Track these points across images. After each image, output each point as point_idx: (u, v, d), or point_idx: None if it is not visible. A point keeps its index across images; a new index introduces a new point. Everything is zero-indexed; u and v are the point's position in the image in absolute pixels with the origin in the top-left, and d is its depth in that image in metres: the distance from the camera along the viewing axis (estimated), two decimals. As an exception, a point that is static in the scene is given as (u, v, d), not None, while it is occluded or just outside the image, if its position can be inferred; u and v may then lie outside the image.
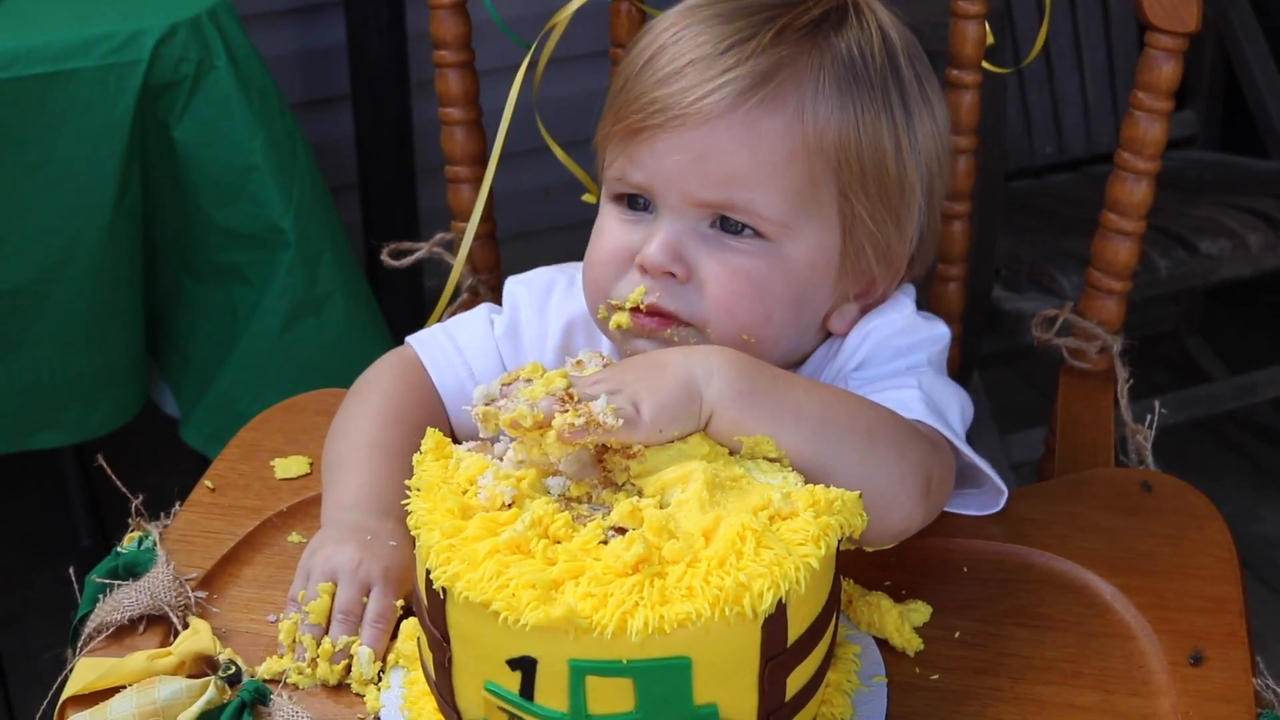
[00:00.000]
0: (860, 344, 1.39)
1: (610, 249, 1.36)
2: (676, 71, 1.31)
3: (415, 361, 1.47)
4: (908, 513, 1.22)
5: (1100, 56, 3.04)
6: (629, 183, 1.34)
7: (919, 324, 1.41)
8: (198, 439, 2.33)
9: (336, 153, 3.13)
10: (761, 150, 1.30)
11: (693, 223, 1.32)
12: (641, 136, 1.32)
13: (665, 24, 1.36)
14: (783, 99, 1.30)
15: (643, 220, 1.34)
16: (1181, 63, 1.54)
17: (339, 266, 2.27)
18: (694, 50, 1.31)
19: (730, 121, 1.29)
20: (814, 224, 1.33)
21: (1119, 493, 1.41)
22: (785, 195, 1.31)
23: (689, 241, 1.32)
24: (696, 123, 1.29)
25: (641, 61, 1.34)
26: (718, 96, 1.29)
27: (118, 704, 1.14)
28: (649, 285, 1.32)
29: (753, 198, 1.30)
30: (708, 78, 1.29)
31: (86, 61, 2.06)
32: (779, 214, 1.31)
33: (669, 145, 1.30)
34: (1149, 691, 1.19)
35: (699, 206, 1.31)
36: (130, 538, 1.33)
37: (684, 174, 1.30)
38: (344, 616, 1.22)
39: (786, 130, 1.30)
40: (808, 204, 1.32)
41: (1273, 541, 2.90)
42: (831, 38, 1.33)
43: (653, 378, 1.15)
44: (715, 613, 0.99)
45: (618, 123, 1.34)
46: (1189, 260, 2.55)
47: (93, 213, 2.12)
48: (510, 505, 1.08)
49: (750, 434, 1.15)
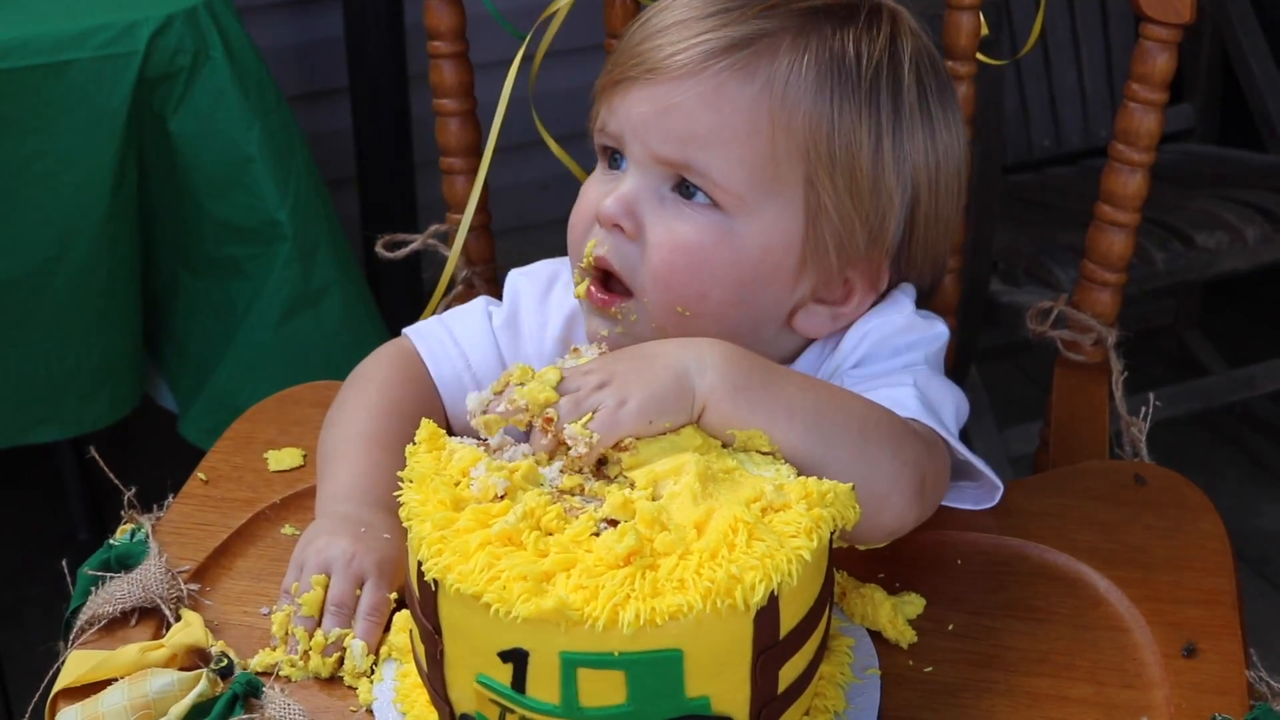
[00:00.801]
0: (859, 343, 1.38)
1: (583, 207, 1.37)
2: (660, 29, 1.33)
3: (412, 353, 1.46)
4: (900, 511, 1.22)
5: (1098, 50, 3.04)
6: (606, 132, 1.36)
7: (918, 323, 1.41)
8: (197, 435, 2.33)
9: (334, 145, 3.13)
10: (724, 114, 1.30)
11: (654, 182, 1.32)
12: (620, 87, 1.34)
13: None
14: (753, 69, 1.30)
15: (614, 179, 1.35)
16: (1176, 54, 1.54)
17: (336, 259, 2.27)
18: (681, 12, 1.34)
19: (697, 80, 1.30)
20: (773, 204, 1.31)
21: (1113, 485, 1.41)
22: (744, 165, 1.30)
23: (646, 199, 1.32)
24: (666, 77, 1.30)
25: (639, 22, 1.37)
26: (689, 55, 1.30)
27: (109, 696, 1.14)
28: (601, 237, 1.33)
29: (709, 160, 1.30)
30: (684, 37, 1.31)
31: (82, 53, 2.05)
32: (735, 183, 1.30)
33: (639, 96, 1.32)
34: (1142, 684, 1.19)
35: (660, 164, 1.31)
36: (123, 530, 1.33)
37: (648, 126, 1.31)
38: (337, 609, 1.22)
39: (753, 100, 1.30)
40: (768, 180, 1.31)
41: (1270, 535, 2.91)
42: (826, 28, 1.32)
43: (645, 369, 1.15)
44: (707, 605, 0.99)
45: (604, 76, 1.37)
46: (1186, 253, 2.55)
47: (89, 205, 2.12)
48: (502, 497, 1.08)
49: (743, 428, 1.15)
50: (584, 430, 1.11)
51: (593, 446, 1.11)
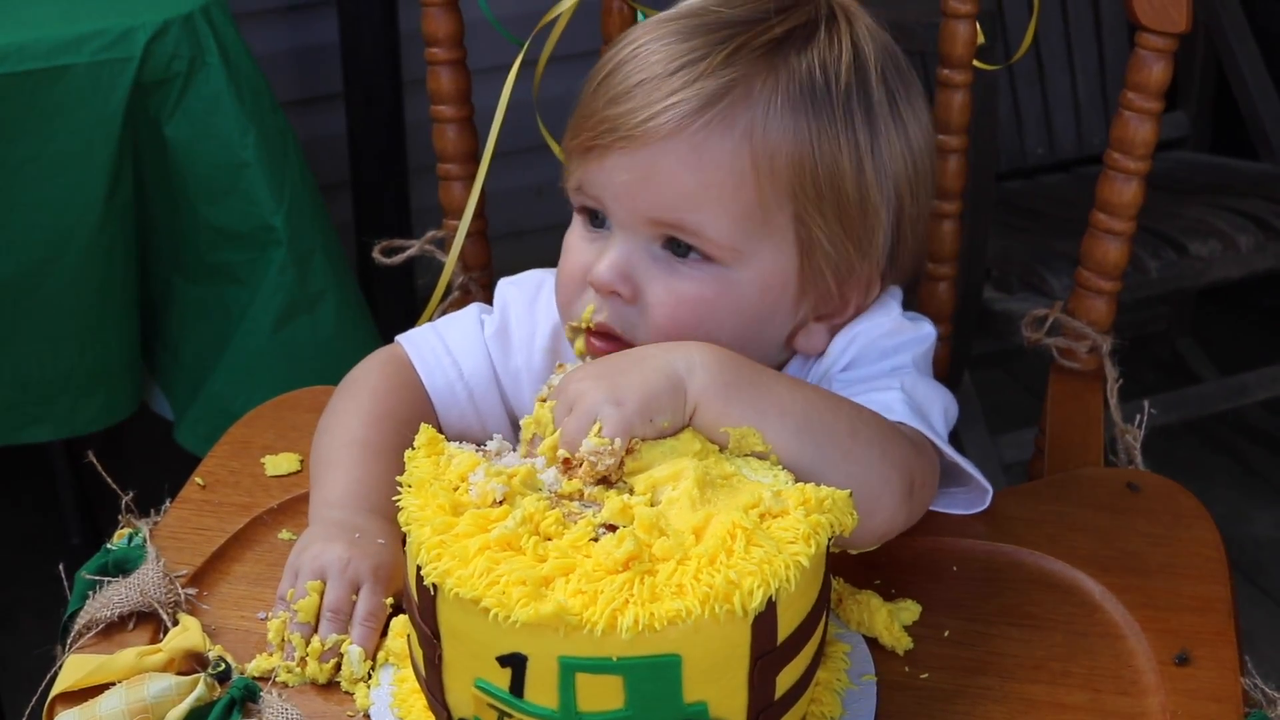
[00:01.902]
0: (847, 347, 1.39)
1: (570, 268, 1.36)
2: (626, 91, 1.30)
3: (404, 360, 1.46)
4: (890, 514, 1.23)
5: (1091, 57, 3.04)
6: (585, 194, 1.34)
7: (905, 325, 1.41)
8: (192, 441, 2.32)
9: (329, 151, 3.13)
10: (708, 173, 1.28)
11: (644, 242, 1.31)
12: (593, 154, 1.31)
13: (628, 39, 1.35)
14: (731, 121, 1.28)
15: (600, 238, 1.34)
16: (1172, 63, 1.54)
17: (330, 265, 2.27)
18: (645, 69, 1.30)
19: (676, 143, 1.27)
20: (766, 247, 1.31)
21: (1108, 492, 1.42)
22: (734, 219, 1.29)
23: (639, 262, 1.31)
24: (643, 143, 1.28)
25: (598, 79, 1.34)
26: (664, 119, 1.27)
27: (107, 701, 1.14)
28: (598, 304, 1.32)
29: (700, 220, 1.28)
30: (655, 99, 1.28)
31: (79, 58, 2.05)
32: (727, 238, 1.29)
33: (617, 164, 1.30)
34: (1137, 690, 1.19)
35: (649, 225, 1.30)
36: (120, 534, 1.33)
37: (632, 193, 1.29)
38: (333, 615, 1.22)
39: (734, 153, 1.28)
40: (759, 227, 1.30)
41: (1262, 542, 2.91)
42: (791, 58, 1.30)
43: (636, 371, 1.16)
44: (705, 610, 0.99)
45: (573, 139, 1.34)
46: (1179, 261, 2.56)
47: (83, 209, 2.11)
48: (501, 502, 1.08)
49: (735, 426, 1.15)
50: (603, 440, 1.11)
51: (615, 454, 1.11)
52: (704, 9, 1.34)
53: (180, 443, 2.33)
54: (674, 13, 1.35)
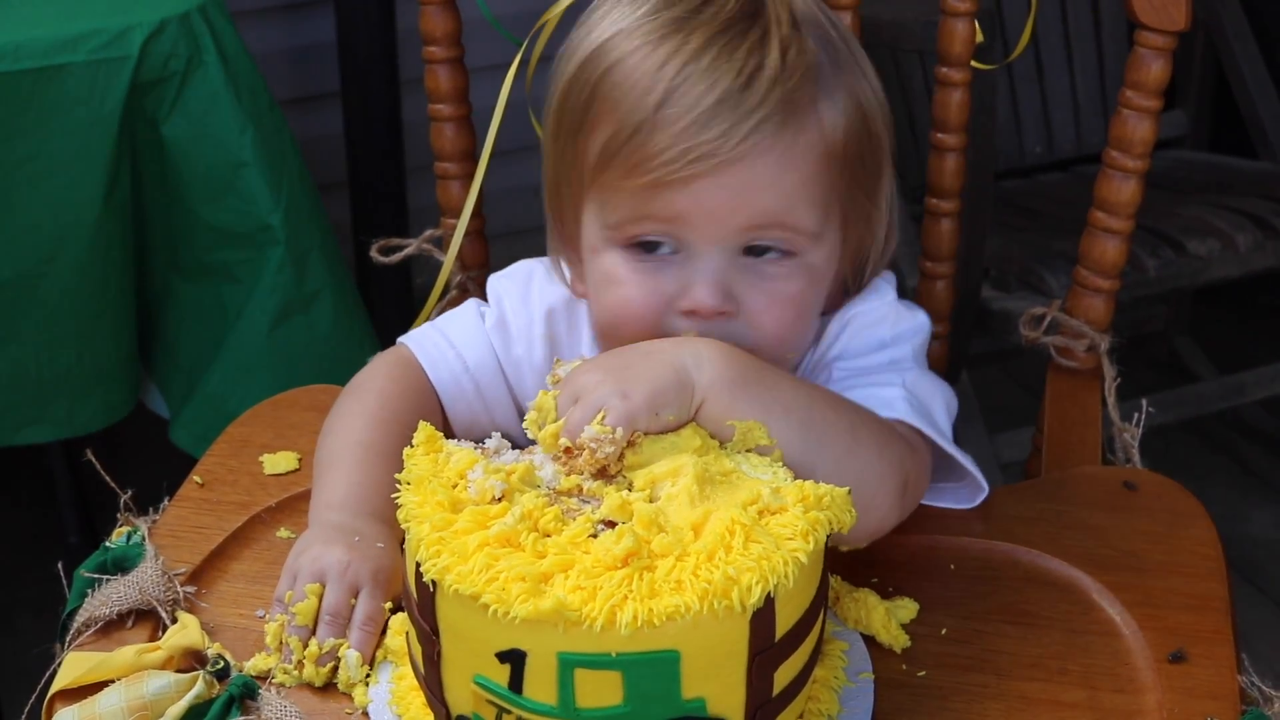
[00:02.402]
0: (840, 331, 1.39)
1: (642, 299, 1.30)
2: (705, 115, 1.24)
3: (410, 360, 1.46)
4: (884, 513, 1.24)
5: (1090, 56, 3.04)
6: (653, 224, 1.28)
7: (901, 314, 1.41)
8: (187, 440, 2.32)
9: (326, 150, 3.13)
10: (802, 168, 1.27)
11: (729, 256, 1.28)
12: (675, 186, 1.25)
13: (648, 58, 1.27)
14: (806, 116, 1.27)
15: (668, 264, 1.29)
16: (1171, 61, 1.54)
17: (327, 264, 2.27)
18: (714, 89, 1.24)
19: (775, 154, 1.25)
20: (831, 226, 1.32)
21: (1106, 491, 1.42)
22: (818, 205, 1.29)
23: (732, 276, 1.28)
24: (743, 159, 1.24)
25: (650, 108, 1.25)
26: (761, 134, 1.24)
27: (106, 698, 1.14)
28: (700, 328, 1.28)
29: (796, 216, 1.28)
30: (742, 116, 1.24)
31: (76, 57, 2.05)
32: (815, 225, 1.29)
33: (711, 187, 1.25)
34: (1134, 688, 1.19)
35: (738, 235, 1.28)
36: (119, 533, 1.33)
37: (731, 211, 1.26)
38: (331, 618, 1.22)
39: (814, 143, 1.28)
40: (828, 209, 1.31)
41: (1259, 541, 2.91)
42: (804, 34, 1.30)
43: (643, 364, 1.16)
44: (704, 606, 0.99)
45: (636, 176, 1.26)
46: (1177, 260, 2.55)
47: (81, 208, 2.11)
48: (500, 499, 1.08)
49: (741, 420, 1.15)
50: (604, 428, 1.11)
51: (616, 442, 1.11)
52: (690, 15, 1.29)
53: (175, 441, 2.33)
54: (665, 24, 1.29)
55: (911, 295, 1.66)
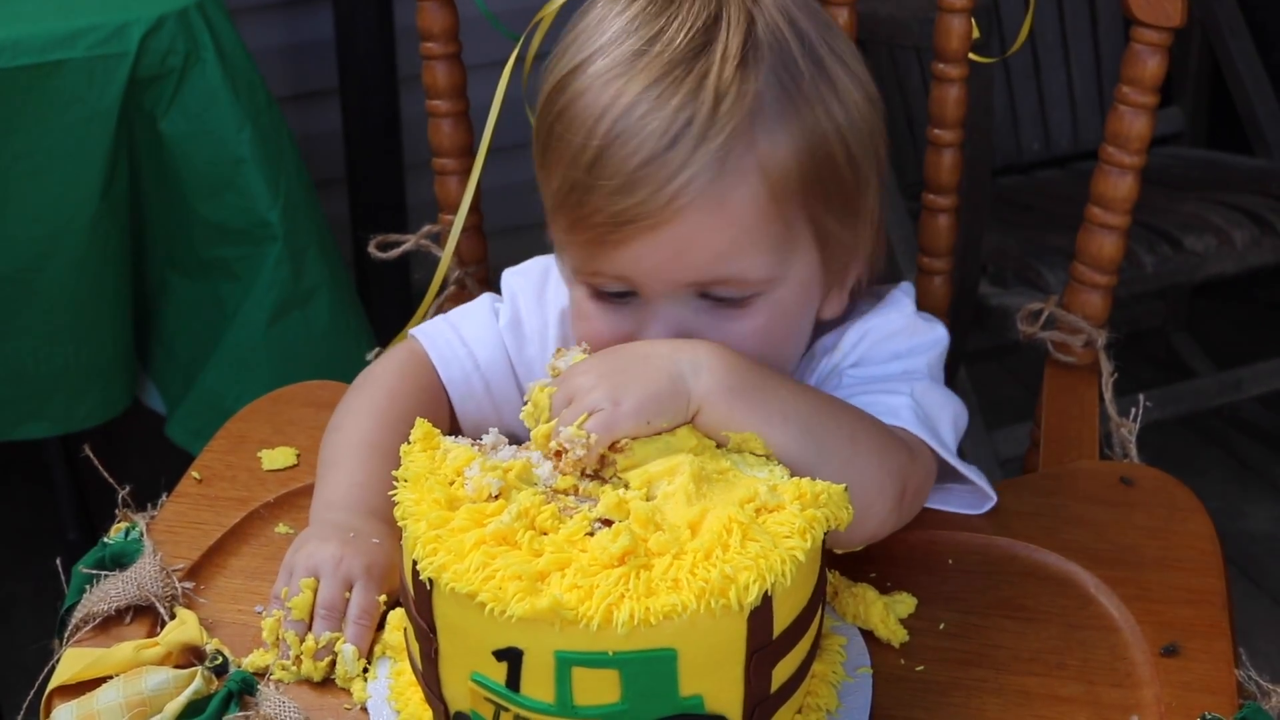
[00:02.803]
0: (858, 342, 1.39)
1: (606, 335, 1.30)
2: (630, 178, 1.22)
3: (421, 357, 1.46)
4: (881, 519, 1.24)
5: (1087, 53, 3.05)
6: (603, 276, 1.29)
7: (919, 326, 1.41)
8: (183, 436, 2.33)
9: (324, 146, 3.13)
10: (737, 224, 1.24)
11: (684, 300, 1.27)
12: (609, 245, 1.26)
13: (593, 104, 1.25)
14: (742, 167, 1.23)
15: (629, 305, 1.30)
16: (1166, 57, 1.54)
17: (324, 261, 2.27)
18: (640, 150, 1.22)
19: (702, 211, 1.23)
20: (796, 258, 1.29)
21: (1103, 486, 1.42)
22: (768, 253, 1.27)
23: (685, 319, 1.28)
24: (669, 222, 1.23)
25: (585, 164, 1.24)
26: (687, 195, 1.22)
27: (104, 694, 1.14)
28: None
29: (740, 268, 1.26)
30: (665, 178, 1.21)
31: (74, 53, 2.05)
32: (766, 272, 1.27)
33: (642, 248, 1.24)
34: (1132, 683, 1.19)
35: (686, 288, 1.27)
36: (117, 528, 1.33)
37: (667, 269, 1.25)
38: (326, 612, 1.22)
39: (755, 194, 1.24)
40: (787, 247, 1.28)
41: (1256, 536, 2.91)
42: (756, 75, 1.25)
43: (638, 369, 1.16)
44: (701, 605, 0.99)
45: (576, 233, 1.27)
46: (1175, 256, 2.56)
47: (78, 204, 2.12)
48: (497, 496, 1.08)
49: (738, 430, 1.15)
50: (580, 431, 1.11)
51: (590, 448, 1.11)
52: (643, 50, 1.25)
53: (171, 437, 2.33)
54: (618, 63, 1.26)
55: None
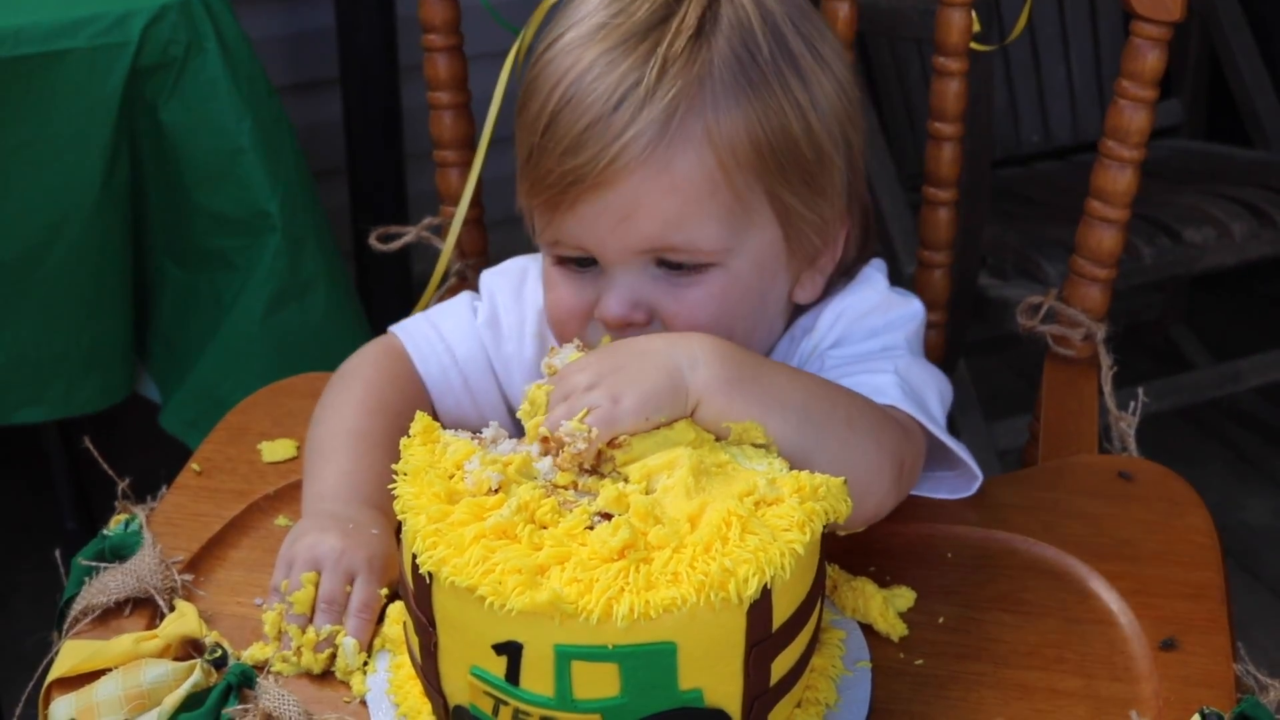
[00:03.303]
0: (834, 322, 1.40)
1: (567, 306, 1.35)
2: (577, 139, 1.27)
3: (399, 350, 1.47)
4: (880, 499, 1.24)
5: (1086, 45, 3.05)
6: (562, 244, 1.33)
7: (893, 301, 1.42)
8: (177, 426, 2.32)
9: (325, 137, 3.13)
10: (684, 189, 1.28)
11: (639, 268, 1.31)
12: (562, 207, 1.30)
13: (551, 75, 1.31)
14: (688, 132, 1.27)
15: (589, 274, 1.34)
16: (1166, 51, 1.54)
17: (322, 252, 2.27)
18: (587, 111, 1.27)
19: (645, 172, 1.27)
20: (752, 232, 1.32)
21: (1102, 479, 1.42)
22: (719, 222, 1.29)
23: (642, 287, 1.31)
24: (613, 184, 1.27)
25: (540, 129, 1.30)
26: (627, 155, 1.26)
27: (103, 686, 1.14)
28: (615, 336, 1.31)
29: (690, 236, 1.29)
30: (610, 138, 1.26)
31: (76, 42, 2.05)
32: (718, 242, 1.30)
33: (592, 210, 1.29)
34: (1131, 676, 1.20)
35: (640, 255, 1.30)
36: (116, 520, 1.33)
37: (616, 233, 1.29)
38: (328, 605, 1.22)
39: (701, 160, 1.27)
40: (741, 218, 1.30)
41: (1255, 529, 2.92)
42: (711, 44, 1.29)
43: (636, 366, 1.16)
44: (700, 598, 0.99)
45: (534, 196, 1.33)
46: (1173, 248, 2.56)
47: (79, 193, 2.12)
48: (496, 490, 1.08)
49: (738, 420, 1.15)
50: (581, 425, 1.11)
51: (591, 441, 1.11)
52: (606, 23, 1.30)
53: (165, 427, 2.33)
54: (582, 35, 1.31)
55: (909, 283, 1.66)
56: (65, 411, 2.28)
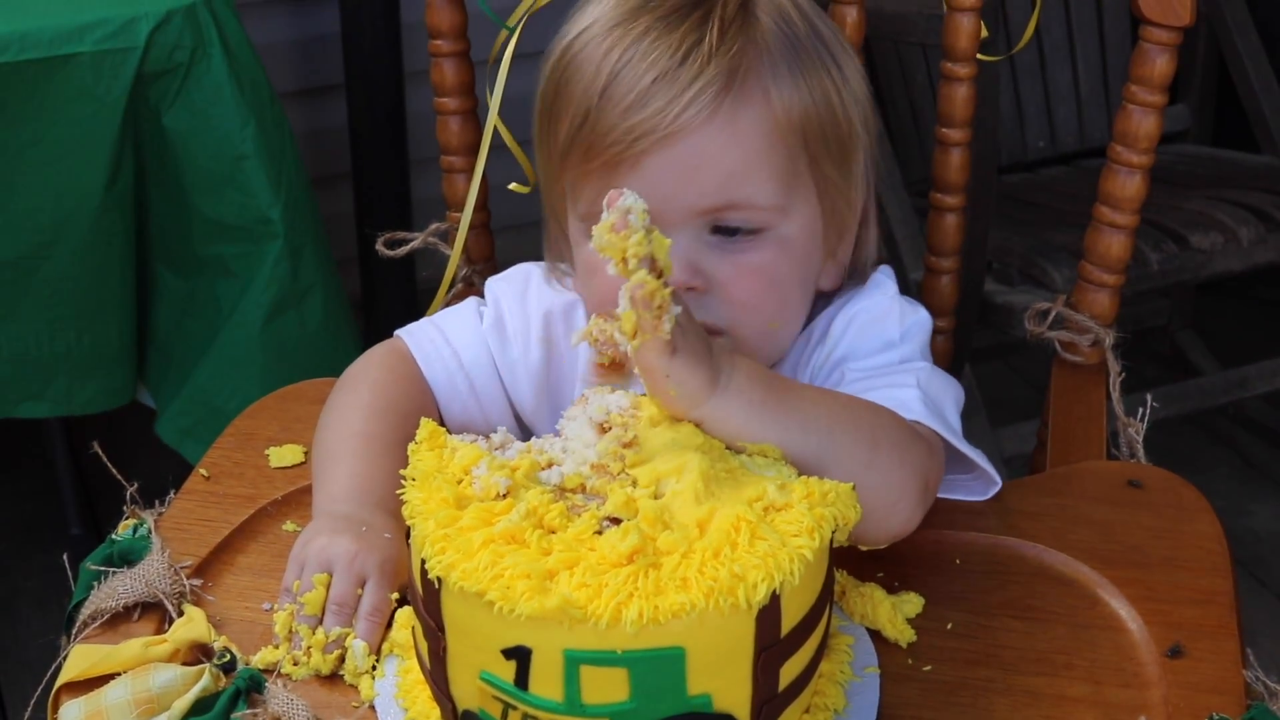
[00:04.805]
0: (845, 329, 1.40)
1: (609, 288, 1.26)
2: (644, 93, 1.29)
3: (404, 353, 1.47)
4: (906, 518, 1.24)
5: (1093, 50, 3.05)
6: None
7: (905, 310, 1.42)
8: (172, 434, 2.32)
9: (330, 142, 3.13)
10: (747, 144, 1.31)
11: (696, 235, 1.32)
12: (624, 166, 1.31)
13: (598, 49, 1.33)
14: (749, 90, 1.31)
15: None
16: (1175, 56, 1.54)
17: (319, 260, 2.27)
18: (652, 69, 1.30)
19: (713, 126, 1.29)
20: (799, 198, 1.35)
21: (1110, 485, 1.42)
22: (775, 180, 1.32)
23: (698, 253, 1.32)
24: (682, 136, 1.29)
25: (596, 93, 1.32)
26: (698, 106, 1.28)
27: (112, 691, 1.14)
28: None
29: (750, 192, 1.31)
30: (678, 90, 1.29)
31: (82, 47, 2.06)
32: (774, 198, 1.32)
33: (658, 164, 1.30)
34: (1140, 683, 1.19)
35: (698, 216, 1.31)
36: (125, 525, 1.33)
37: (682, 189, 1.30)
38: (338, 608, 1.22)
39: (761, 118, 1.31)
40: (792, 182, 1.34)
41: (1262, 535, 2.91)
42: (759, 19, 1.34)
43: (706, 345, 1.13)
44: (709, 603, 0.99)
45: (589, 161, 1.33)
46: (1180, 254, 2.56)
47: (83, 195, 2.12)
48: (505, 495, 1.08)
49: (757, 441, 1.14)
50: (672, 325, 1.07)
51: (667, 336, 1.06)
52: (642, 4, 1.34)
53: (160, 435, 2.33)
54: (619, 16, 1.34)
55: (916, 289, 1.66)
56: (67, 409, 2.29)
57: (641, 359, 1.09)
